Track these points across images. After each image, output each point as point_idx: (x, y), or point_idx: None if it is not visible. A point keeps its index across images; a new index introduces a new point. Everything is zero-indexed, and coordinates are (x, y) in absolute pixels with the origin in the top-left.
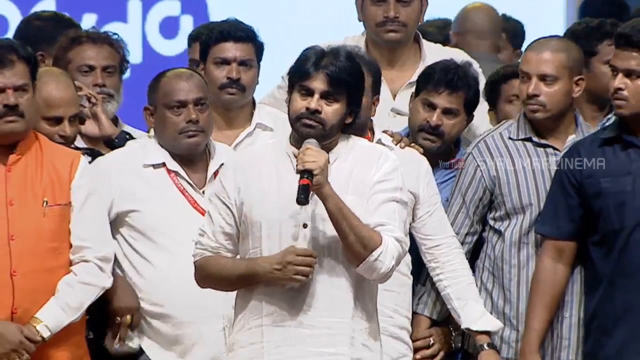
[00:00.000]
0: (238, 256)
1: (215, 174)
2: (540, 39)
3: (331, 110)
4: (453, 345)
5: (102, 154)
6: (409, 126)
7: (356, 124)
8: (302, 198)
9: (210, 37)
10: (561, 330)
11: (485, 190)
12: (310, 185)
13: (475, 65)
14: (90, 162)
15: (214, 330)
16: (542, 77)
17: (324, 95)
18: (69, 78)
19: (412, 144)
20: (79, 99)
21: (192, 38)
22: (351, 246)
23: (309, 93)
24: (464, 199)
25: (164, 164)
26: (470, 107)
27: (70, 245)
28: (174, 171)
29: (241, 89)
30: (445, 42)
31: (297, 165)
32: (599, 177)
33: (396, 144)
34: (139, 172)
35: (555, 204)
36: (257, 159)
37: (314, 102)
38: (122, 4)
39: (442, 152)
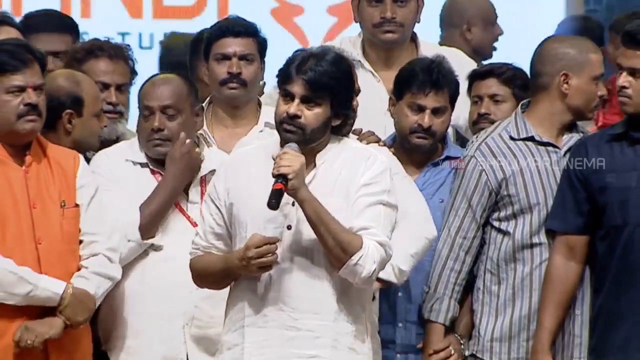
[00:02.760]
0: None
1: (202, 178)
2: None
3: (312, 115)
4: (463, 353)
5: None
6: (397, 130)
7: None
8: (273, 203)
9: (210, 34)
10: (573, 327)
11: (491, 193)
12: (283, 190)
13: (466, 66)
14: None
15: (174, 327)
16: None
17: (304, 100)
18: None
19: (381, 143)
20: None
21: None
22: (331, 250)
23: (291, 97)
24: (470, 204)
25: (147, 164)
26: (454, 100)
27: (80, 242)
28: (157, 172)
29: (242, 83)
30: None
31: (272, 170)
32: (604, 172)
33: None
34: (126, 166)
35: (564, 198)
36: (248, 161)
37: (293, 107)
38: None
39: (432, 149)
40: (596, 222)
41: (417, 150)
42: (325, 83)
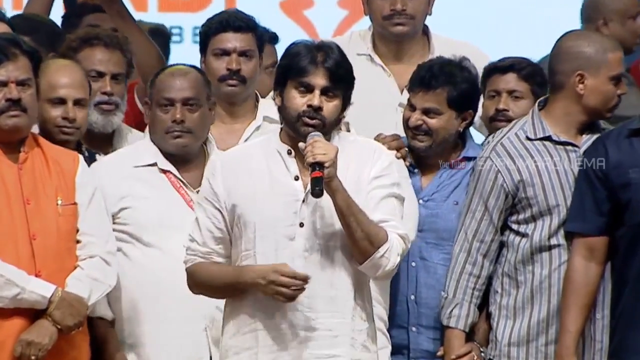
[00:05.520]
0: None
1: None
2: None
3: (332, 107)
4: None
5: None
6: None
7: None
8: (318, 190)
9: (209, 28)
10: (594, 332)
11: (508, 196)
12: (322, 178)
13: (480, 60)
14: None
15: (196, 330)
16: None
17: (324, 91)
18: (77, 66)
19: (401, 151)
20: (87, 85)
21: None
22: (358, 242)
23: (309, 89)
24: (487, 206)
25: (155, 164)
26: (456, 104)
27: (77, 242)
28: (167, 170)
29: (242, 80)
30: None
31: (307, 158)
32: (626, 167)
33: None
34: (130, 173)
35: (582, 198)
36: (246, 159)
37: (316, 99)
38: None
39: (443, 150)
40: (617, 221)
41: (415, 151)
42: (343, 74)
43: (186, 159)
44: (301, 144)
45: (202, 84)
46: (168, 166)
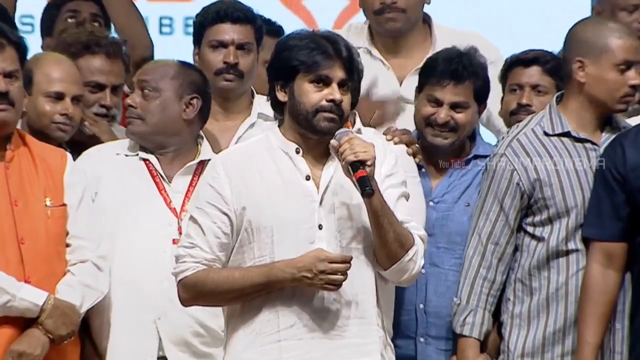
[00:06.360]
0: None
1: (197, 170)
2: None
3: (347, 100)
4: None
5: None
6: (415, 123)
7: None
8: (369, 190)
9: (204, 18)
10: (614, 343)
11: (524, 195)
12: (368, 176)
13: (488, 50)
14: None
15: (146, 321)
16: None
17: (341, 84)
18: (72, 62)
19: (413, 147)
20: (81, 82)
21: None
22: (389, 245)
23: (326, 82)
24: (502, 206)
25: (137, 153)
26: (480, 96)
27: (67, 245)
28: (146, 159)
29: (239, 74)
30: None
31: (346, 157)
32: None
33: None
34: (110, 159)
35: (599, 203)
36: (250, 159)
37: (337, 93)
38: None
39: (456, 148)
40: (636, 226)
41: (437, 149)
42: (357, 66)
43: (164, 154)
44: (333, 142)
45: (171, 74)
46: (148, 155)
